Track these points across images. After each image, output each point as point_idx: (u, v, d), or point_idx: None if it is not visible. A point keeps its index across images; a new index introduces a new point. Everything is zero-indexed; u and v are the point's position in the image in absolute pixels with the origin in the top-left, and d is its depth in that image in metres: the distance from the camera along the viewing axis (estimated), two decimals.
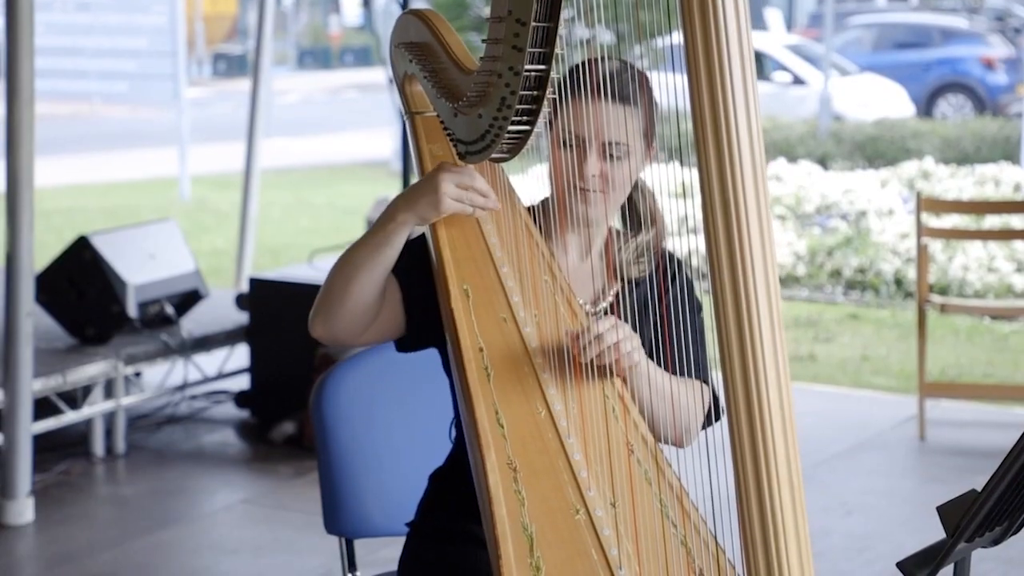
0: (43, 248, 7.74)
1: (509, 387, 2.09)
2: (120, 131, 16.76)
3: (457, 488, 2.22)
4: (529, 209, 2.27)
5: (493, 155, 2.07)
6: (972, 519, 1.74)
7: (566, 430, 2.08)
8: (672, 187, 2.08)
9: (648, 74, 2.23)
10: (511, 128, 2.02)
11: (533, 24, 1.93)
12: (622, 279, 2.24)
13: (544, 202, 2.28)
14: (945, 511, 1.77)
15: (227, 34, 28.22)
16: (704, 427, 2.20)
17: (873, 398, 5.90)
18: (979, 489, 1.73)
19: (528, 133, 2.04)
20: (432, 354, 2.25)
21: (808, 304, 7.69)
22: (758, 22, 22.01)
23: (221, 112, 18.88)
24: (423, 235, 2.22)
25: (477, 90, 2.05)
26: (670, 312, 2.22)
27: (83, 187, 12.47)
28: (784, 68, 16.04)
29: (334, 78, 25.69)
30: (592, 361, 2.07)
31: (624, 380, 2.12)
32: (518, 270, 2.19)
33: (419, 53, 2.18)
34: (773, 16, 23.44)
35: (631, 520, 2.03)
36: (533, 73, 1.97)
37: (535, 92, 1.99)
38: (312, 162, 14.55)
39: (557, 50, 1.96)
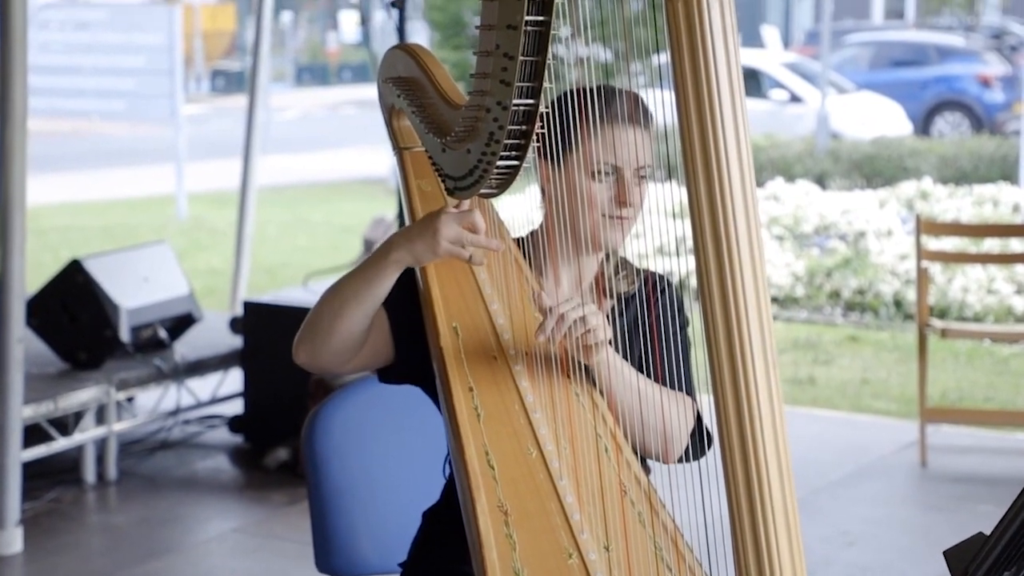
0: (39, 268, 7.72)
1: (500, 428, 2.06)
2: (118, 148, 16.75)
3: (450, 527, 2.18)
4: (518, 242, 2.24)
5: (482, 190, 2.04)
6: (980, 565, 1.70)
7: (558, 471, 2.04)
8: (670, 207, 2.05)
9: (646, 92, 2.21)
10: (500, 163, 1.99)
11: (521, 58, 1.90)
12: (611, 296, 2.22)
13: (532, 234, 2.25)
14: (952, 556, 1.73)
15: (226, 50, 28.24)
16: (696, 456, 2.17)
17: (873, 423, 5.86)
18: (985, 531, 1.69)
19: (517, 168, 2.01)
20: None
21: (807, 326, 7.65)
22: (755, 40, 22.06)
23: (219, 128, 18.87)
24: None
25: (465, 125, 2.01)
26: (657, 325, 2.19)
27: (80, 205, 12.45)
28: (781, 86, 16.03)
29: (332, 94, 25.72)
30: (561, 345, 2.04)
31: (593, 374, 2.08)
32: (508, 307, 2.16)
33: (407, 88, 2.15)
34: (770, 34, 23.48)
35: (625, 563, 1.99)
36: (521, 107, 1.94)
37: (523, 127, 1.96)
38: (310, 179, 14.54)
39: (546, 83, 1.93)
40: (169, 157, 12.39)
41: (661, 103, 1.89)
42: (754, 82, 15.45)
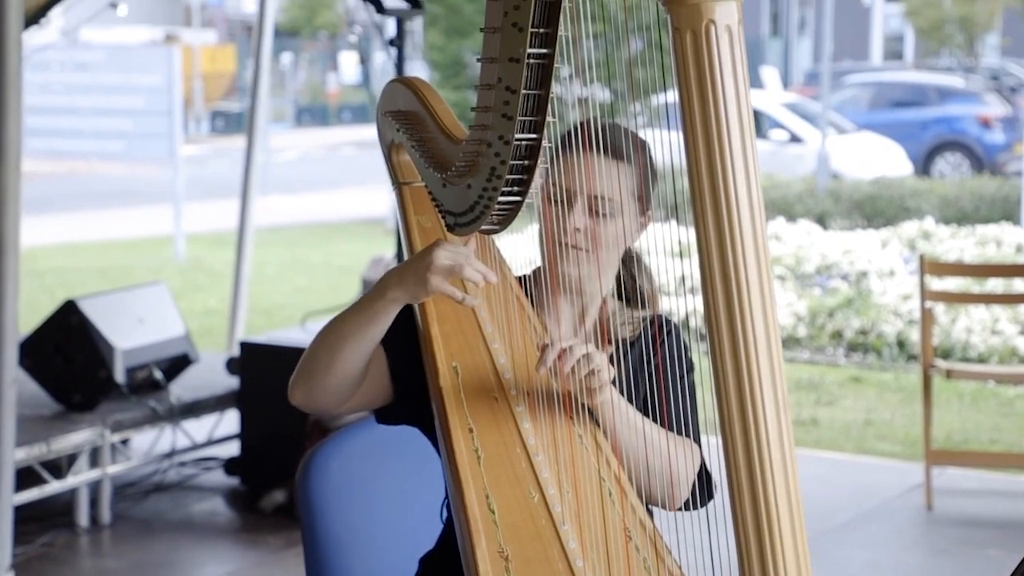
0: (35, 308, 7.65)
1: (501, 471, 2.01)
2: (117, 189, 16.74)
3: (448, 573, 2.13)
4: (520, 280, 2.19)
5: (483, 227, 1.99)
6: None
7: (561, 516, 1.99)
8: (670, 246, 2.00)
9: (645, 132, 2.16)
10: (501, 199, 1.95)
11: (523, 92, 1.86)
12: (614, 341, 2.16)
13: (536, 272, 2.20)
14: None
15: (226, 91, 28.28)
16: (700, 504, 2.11)
17: (878, 465, 5.79)
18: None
19: (519, 204, 1.96)
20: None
21: (809, 366, 7.58)
22: (754, 80, 22.11)
23: (218, 170, 18.87)
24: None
25: (466, 160, 1.97)
26: (662, 369, 2.14)
27: (78, 246, 12.41)
28: (781, 126, 16.04)
29: (332, 135, 25.74)
30: (564, 385, 1.99)
31: (596, 414, 2.03)
32: (510, 346, 2.11)
33: (406, 122, 2.11)
34: (769, 74, 23.55)
35: None
36: (524, 142, 1.90)
37: (526, 162, 1.92)
38: (309, 220, 14.52)
39: (549, 118, 1.89)
40: (168, 198, 12.37)
41: (660, 143, 1.85)
42: (754, 122, 15.45)
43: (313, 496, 2.39)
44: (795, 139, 15.89)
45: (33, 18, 6.75)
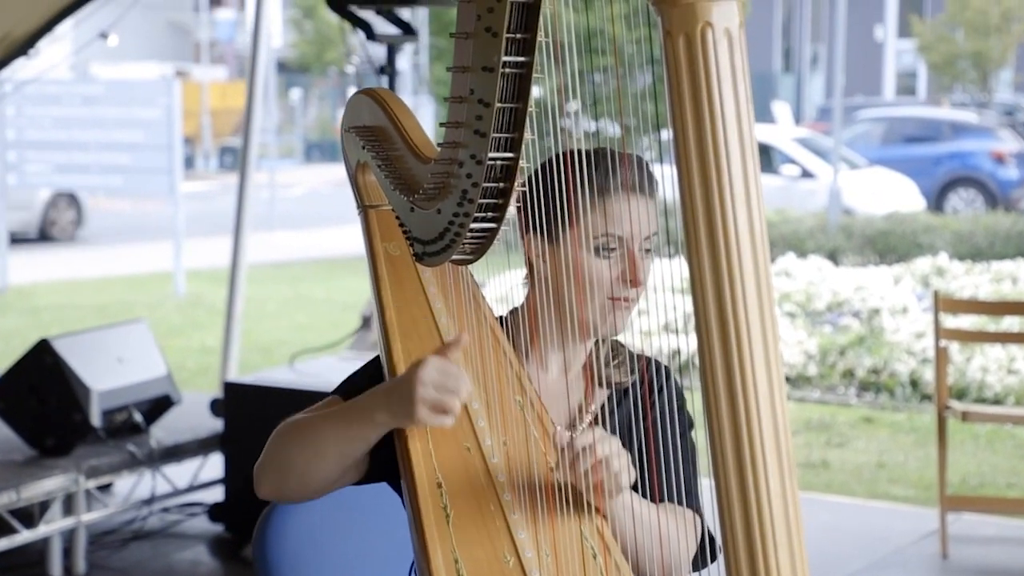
0: (27, 347, 7.46)
1: (472, 530, 1.80)
2: (120, 225, 16.61)
3: None
4: (500, 320, 1.98)
5: (454, 256, 1.80)
6: None
7: None
8: (676, 282, 1.80)
9: (655, 166, 1.96)
10: (474, 226, 1.76)
11: (498, 106, 1.68)
12: (603, 386, 1.94)
13: (513, 312, 1.98)
14: None
15: (235, 128, 28.25)
16: (697, 568, 1.92)
17: (891, 510, 5.56)
18: None
19: (494, 231, 1.78)
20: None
21: (820, 406, 7.36)
22: (767, 115, 22.00)
23: (224, 206, 18.74)
24: (378, 356, 1.93)
25: (435, 181, 1.78)
26: (656, 428, 1.91)
27: (79, 283, 12.25)
28: (793, 161, 15.92)
29: (340, 171, 25.50)
30: (578, 482, 1.77)
31: (604, 515, 1.81)
32: (484, 390, 1.90)
33: (372, 138, 1.91)
34: (781, 109, 23.45)
35: None
36: (499, 162, 1.72)
37: (501, 184, 1.73)
38: (314, 255, 14.39)
39: (527, 135, 1.69)
40: (169, 234, 12.23)
41: (670, 178, 1.65)
42: (765, 157, 15.34)
43: (270, 558, 2.18)
44: (807, 174, 15.77)
45: (20, 49, 6.59)
